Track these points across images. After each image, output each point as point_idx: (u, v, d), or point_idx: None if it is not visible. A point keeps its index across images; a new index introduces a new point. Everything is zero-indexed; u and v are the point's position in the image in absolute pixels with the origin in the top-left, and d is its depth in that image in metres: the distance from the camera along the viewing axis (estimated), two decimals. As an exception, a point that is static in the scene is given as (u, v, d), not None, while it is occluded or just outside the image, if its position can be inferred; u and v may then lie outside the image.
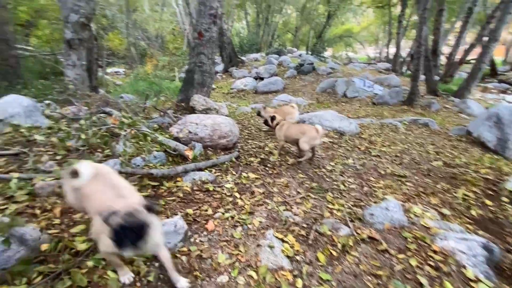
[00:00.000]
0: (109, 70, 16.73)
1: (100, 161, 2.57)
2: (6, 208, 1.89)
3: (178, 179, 2.58)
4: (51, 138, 2.70)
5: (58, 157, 2.56)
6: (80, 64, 5.55)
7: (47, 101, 4.18)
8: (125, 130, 2.74)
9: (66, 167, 2.44)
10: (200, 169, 2.81)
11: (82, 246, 1.62)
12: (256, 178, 2.85)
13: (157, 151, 2.90)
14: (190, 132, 3.55)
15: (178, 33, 24.23)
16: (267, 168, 3.16)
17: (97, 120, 2.82)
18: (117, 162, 2.57)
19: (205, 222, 2.02)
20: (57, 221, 1.85)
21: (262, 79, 13.15)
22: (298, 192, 2.66)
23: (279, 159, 3.48)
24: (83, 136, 2.56)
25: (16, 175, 2.19)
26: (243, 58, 17.71)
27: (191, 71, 5.94)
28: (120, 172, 2.38)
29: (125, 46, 19.10)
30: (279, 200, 2.45)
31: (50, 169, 2.37)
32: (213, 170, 2.91)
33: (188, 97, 5.78)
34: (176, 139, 3.40)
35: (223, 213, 2.14)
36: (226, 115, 5.75)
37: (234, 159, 3.27)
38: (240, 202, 2.34)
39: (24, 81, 9.63)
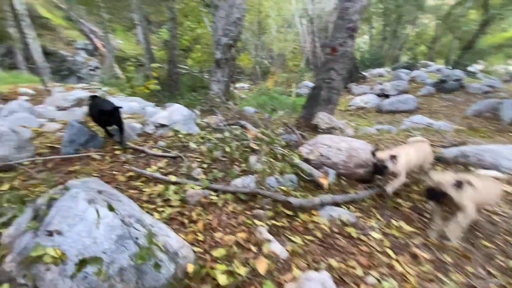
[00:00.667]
0: (237, 85, 19.05)
1: (237, 176, 2.53)
2: (163, 211, 2.01)
3: (314, 212, 2.19)
4: (201, 146, 2.91)
5: (204, 165, 2.69)
6: (223, 80, 6.26)
7: (197, 111, 4.81)
8: (263, 147, 2.62)
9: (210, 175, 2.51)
10: (337, 203, 2.34)
11: (223, 279, 1.44)
12: (413, 233, 2.11)
13: (287, 173, 2.64)
14: (321, 155, 3.14)
15: (297, 52, 25.13)
16: (425, 219, 2.33)
17: (239, 134, 2.86)
18: (252, 179, 2.46)
19: (355, 286, 1.52)
20: (200, 237, 1.79)
21: (387, 96, 11.50)
22: (490, 273, 1.74)
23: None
24: (227, 149, 2.61)
25: (173, 178, 2.39)
26: (364, 73, 16.28)
27: (317, 87, 5.62)
28: (258, 194, 2.21)
29: (252, 65, 21.31)
30: (461, 281, 1.64)
31: (197, 177, 2.48)
32: (352, 208, 2.37)
33: (311, 114, 5.48)
34: (306, 160, 3.08)
35: (378, 281, 1.56)
36: (351, 136, 5.08)
37: (375, 196, 2.61)
38: (398, 267, 1.70)
39: (180, 92, 12.11)
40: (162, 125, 3.44)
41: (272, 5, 20.11)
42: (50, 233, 1.26)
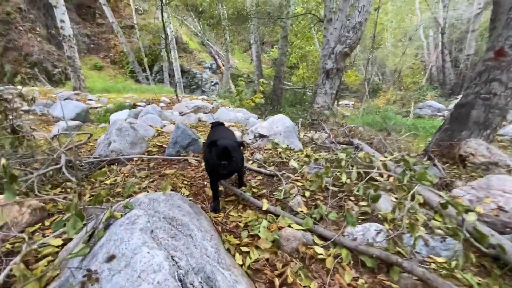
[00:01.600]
0: (340, 102, 17.59)
1: (358, 221, 1.66)
2: (248, 253, 1.41)
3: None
4: (304, 167, 2.21)
5: (306, 193, 1.97)
6: (330, 93, 5.47)
7: (298, 125, 4.21)
8: (404, 184, 1.66)
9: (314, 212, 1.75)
10: None
11: None
12: None
13: (448, 233, 1.55)
14: (501, 209, 1.84)
15: (417, 67, 21.20)
16: None
17: (362, 157, 1.99)
18: (382, 231, 1.53)
19: None
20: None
21: None
22: None
23: None
24: (343, 178, 1.80)
25: (266, 204, 1.78)
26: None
27: (466, 105, 3.97)
28: (401, 267, 1.28)
29: (360, 81, 19.36)
30: None
31: (297, 209, 1.78)
32: None
33: (453, 139, 3.90)
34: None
35: None
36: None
37: None
38: None
39: (282, 106, 12.05)
40: (262, 136, 2.97)
41: (392, 16, 17.75)
42: (88, 274, 0.84)
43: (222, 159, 1.47)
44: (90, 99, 9.26)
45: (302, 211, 1.76)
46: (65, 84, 10.94)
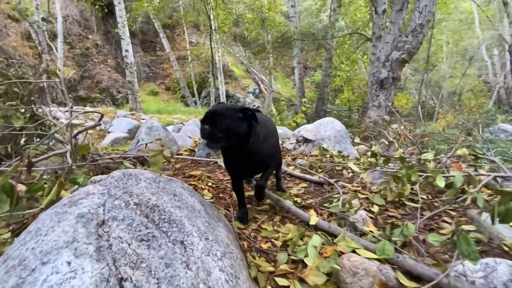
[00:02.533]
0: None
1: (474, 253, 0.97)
2: (288, 286, 0.84)
3: None
4: (367, 172, 1.59)
5: (373, 208, 1.34)
6: (385, 105, 4.71)
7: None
8: None
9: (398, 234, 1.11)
10: None
11: None
12: None
13: None
14: None
15: (481, 90, 18.56)
16: None
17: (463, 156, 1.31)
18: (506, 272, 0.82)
19: None
20: None
21: None
22: None
23: None
24: (440, 183, 1.13)
25: (314, 218, 1.20)
26: None
27: None
28: None
29: (412, 105, 17.58)
30: None
31: (362, 227, 1.16)
32: None
33: None
34: None
35: None
36: None
37: None
38: None
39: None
40: (306, 140, 2.43)
41: (449, 35, 16.21)
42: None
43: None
44: (143, 118, 9.93)
45: (371, 231, 1.14)
46: (125, 106, 12.10)
